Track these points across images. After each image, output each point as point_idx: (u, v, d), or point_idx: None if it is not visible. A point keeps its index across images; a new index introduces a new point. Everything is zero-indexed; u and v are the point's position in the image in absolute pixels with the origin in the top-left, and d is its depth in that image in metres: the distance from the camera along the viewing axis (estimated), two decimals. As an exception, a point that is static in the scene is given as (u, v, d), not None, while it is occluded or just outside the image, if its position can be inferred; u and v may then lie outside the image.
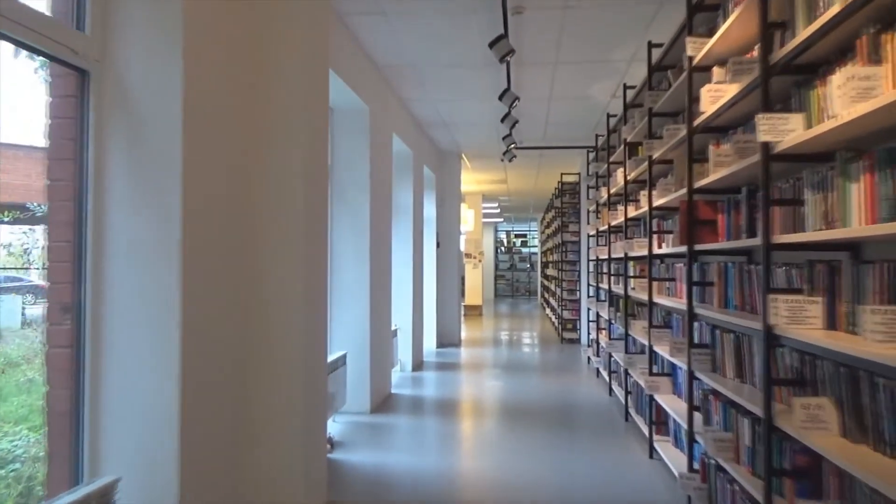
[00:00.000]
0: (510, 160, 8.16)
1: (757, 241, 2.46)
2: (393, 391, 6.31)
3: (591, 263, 8.04)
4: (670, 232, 4.07)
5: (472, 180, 13.01)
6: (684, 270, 3.53)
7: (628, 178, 5.13)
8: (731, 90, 2.72)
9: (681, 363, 3.40)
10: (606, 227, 6.19)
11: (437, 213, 9.56)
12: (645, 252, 4.46)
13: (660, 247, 4.26)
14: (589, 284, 8.11)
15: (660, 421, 4.23)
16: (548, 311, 15.06)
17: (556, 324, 11.70)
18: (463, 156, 10.30)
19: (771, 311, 2.21)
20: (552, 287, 13.69)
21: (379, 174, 5.68)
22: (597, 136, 7.30)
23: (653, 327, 4.16)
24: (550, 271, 14.37)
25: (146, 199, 2.33)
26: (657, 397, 4.06)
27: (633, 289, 5.15)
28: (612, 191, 5.97)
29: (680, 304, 3.54)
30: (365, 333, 5.33)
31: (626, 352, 5.20)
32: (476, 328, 12.79)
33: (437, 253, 9.51)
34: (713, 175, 2.86)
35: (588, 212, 8.17)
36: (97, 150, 2.33)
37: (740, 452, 2.68)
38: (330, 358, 4.80)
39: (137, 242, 2.32)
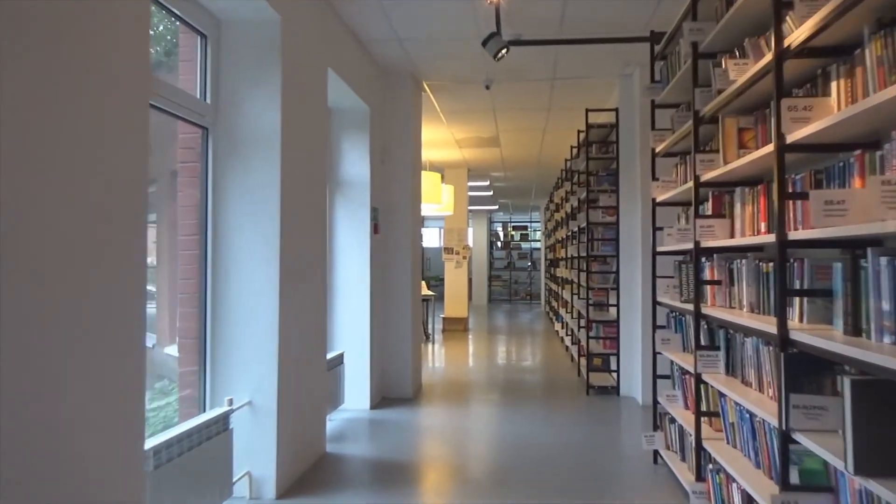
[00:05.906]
0: (497, 56, 4.09)
1: None
2: None
3: (671, 263, 4.00)
4: None
5: (448, 140, 8.90)
6: None
7: None
8: None
9: None
10: (745, 162, 2.12)
11: (373, 176, 5.45)
12: None
13: None
14: (655, 303, 4.04)
15: None
16: (557, 326, 10.93)
17: (574, 354, 7.62)
18: (426, 87, 6.22)
19: None
20: (564, 295, 9.55)
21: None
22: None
23: None
24: (561, 271, 10.21)
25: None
26: None
27: None
28: (793, 42, 1.88)
29: None
30: None
31: None
32: (455, 356, 8.70)
33: (374, 243, 5.42)
34: None
35: (654, 160, 4.10)
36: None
37: None
38: None
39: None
